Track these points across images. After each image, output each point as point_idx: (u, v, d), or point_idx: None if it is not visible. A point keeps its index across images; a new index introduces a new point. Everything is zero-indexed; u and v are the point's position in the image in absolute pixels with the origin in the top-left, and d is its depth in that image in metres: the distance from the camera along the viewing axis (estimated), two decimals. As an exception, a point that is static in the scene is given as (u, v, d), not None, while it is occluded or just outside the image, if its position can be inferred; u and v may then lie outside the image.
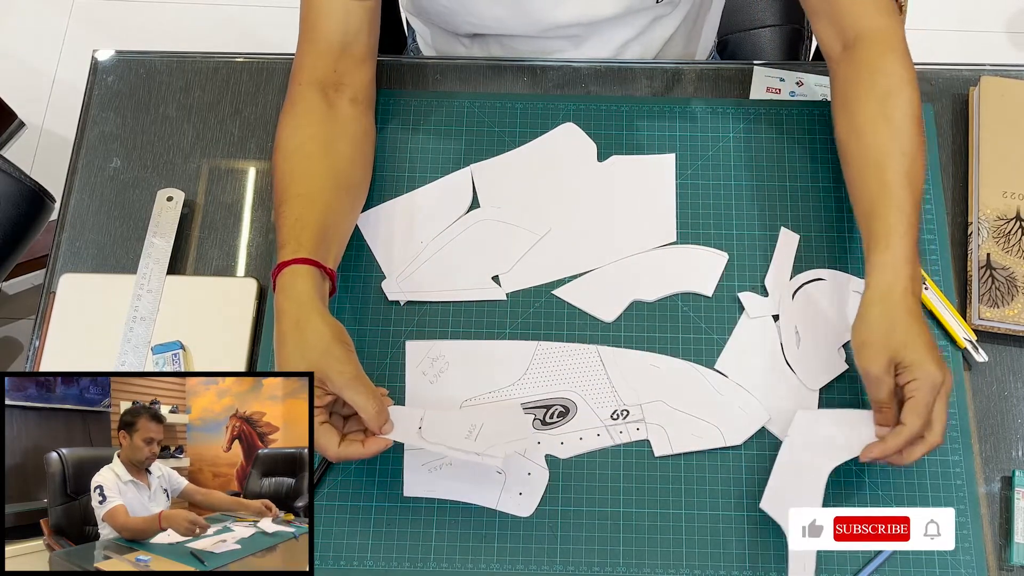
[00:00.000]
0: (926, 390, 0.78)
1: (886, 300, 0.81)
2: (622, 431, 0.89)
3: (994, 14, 2.12)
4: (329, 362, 0.78)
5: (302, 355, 0.79)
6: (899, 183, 0.84)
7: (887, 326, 0.80)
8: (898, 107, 0.86)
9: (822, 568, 0.84)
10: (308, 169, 0.88)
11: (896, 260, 0.81)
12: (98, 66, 1.07)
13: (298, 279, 0.81)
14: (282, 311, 0.81)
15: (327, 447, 0.79)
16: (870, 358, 0.80)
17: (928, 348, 0.79)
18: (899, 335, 0.79)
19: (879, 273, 0.82)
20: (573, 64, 1.06)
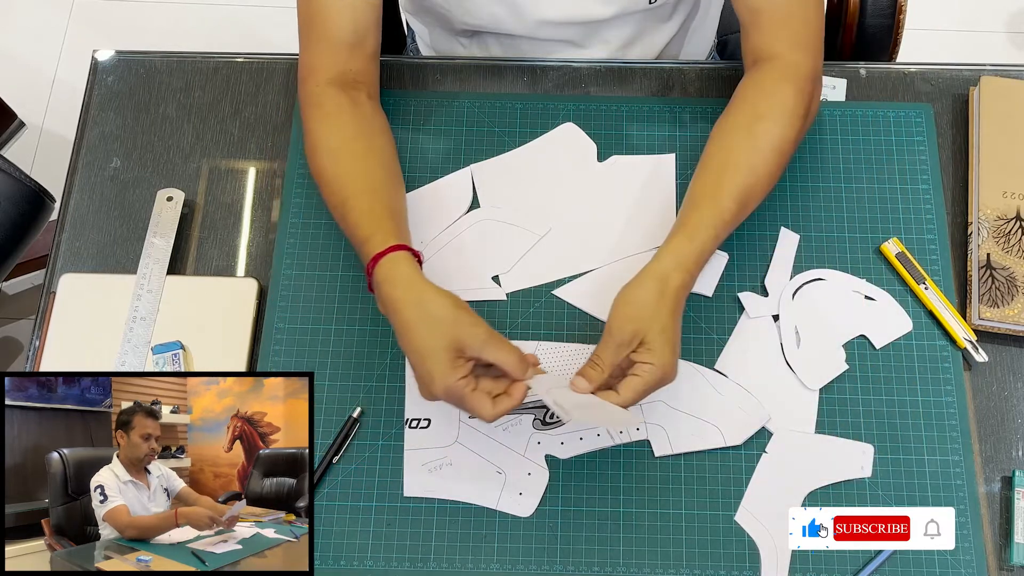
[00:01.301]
0: (655, 379, 0.80)
1: (663, 283, 0.82)
2: (622, 431, 0.89)
3: (994, 14, 2.12)
4: (463, 329, 0.79)
5: (435, 332, 0.78)
6: (732, 194, 0.86)
7: (653, 305, 0.81)
8: (766, 132, 0.88)
9: (822, 568, 0.84)
10: (362, 166, 0.89)
11: (689, 255, 0.83)
12: (98, 66, 1.07)
13: (400, 265, 0.82)
14: (396, 299, 0.81)
15: (483, 411, 0.78)
16: (624, 323, 0.80)
17: (675, 342, 0.81)
18: (659, 319, 0.80)
19: (670, 256, 0.83)
20: (573, 64, 1.06)
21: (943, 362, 0.91)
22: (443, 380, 0.78)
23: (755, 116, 0.89)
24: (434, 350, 0.78)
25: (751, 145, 0.88)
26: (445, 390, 0.78)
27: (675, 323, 0.82)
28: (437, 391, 0.79)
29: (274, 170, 1.02)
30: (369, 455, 0.89)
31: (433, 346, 0.78)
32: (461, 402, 0.79)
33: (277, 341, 0.93)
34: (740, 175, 0.87)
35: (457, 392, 0.78)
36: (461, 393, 0.78)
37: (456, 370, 0.78)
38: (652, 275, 0.82)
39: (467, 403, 0.79)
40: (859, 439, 0.88)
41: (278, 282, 0.95)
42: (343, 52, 0.93)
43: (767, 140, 0.88)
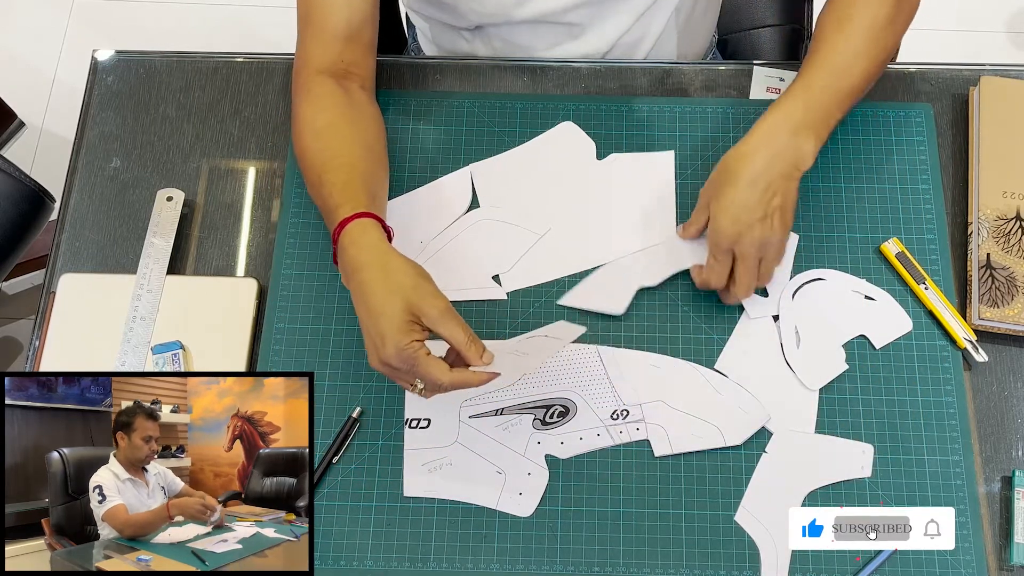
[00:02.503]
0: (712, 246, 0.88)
1: (740, 146, 0.88)
2: (622, 431, 0.89)
3: (994, 14, 2.12)
4: (422, 296, 0.78)
5: (394, 295, 0.78)
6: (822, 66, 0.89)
7: (721, 169, 0.89)
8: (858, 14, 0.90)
9: (822, 568, 0.84)
10: (343, 144, 0.90)
11: (774, 116, 0.88)
12: (98, 66, 1.07)
13: (368, 230, 0.82)
14: (360, 262, 0.80)
15: (439, 375, 0.76)
16: (703, 190, 0.91)
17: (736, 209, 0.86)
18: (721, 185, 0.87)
19: (755, 125, 0.88)
20: (573, 64, 1.06)
21: (943, 362, 0.91)
22: (395, 341, 0.76)
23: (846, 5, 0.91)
24: (390, 312, 0.77)
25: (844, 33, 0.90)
26: (397, 351, 0.76)
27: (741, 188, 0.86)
28: (388, 353, 0.76)
29: (274, 170, 1.02)
30: (369, 455, 0.89)
31: (390, 308, 0.77)
32: (413, 365, 0.77)
33: (277, 341, 0.93)
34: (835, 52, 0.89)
35: (409, 354, 0.76)
36: (414, 356, 0.76)
37: (409, 333, 0.77)
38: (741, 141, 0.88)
39: (420, 366, 0.76)
40: (859, 439, 0.88)
41: (278, 282, 0.95)
42: (338, 43, 0.93)
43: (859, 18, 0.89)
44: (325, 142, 0.90)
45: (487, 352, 0.79)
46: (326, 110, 0.91)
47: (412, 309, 0.77)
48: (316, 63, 0.93)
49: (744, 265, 0.88)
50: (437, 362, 0.77)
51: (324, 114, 0.91)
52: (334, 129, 0.91)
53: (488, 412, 0.90)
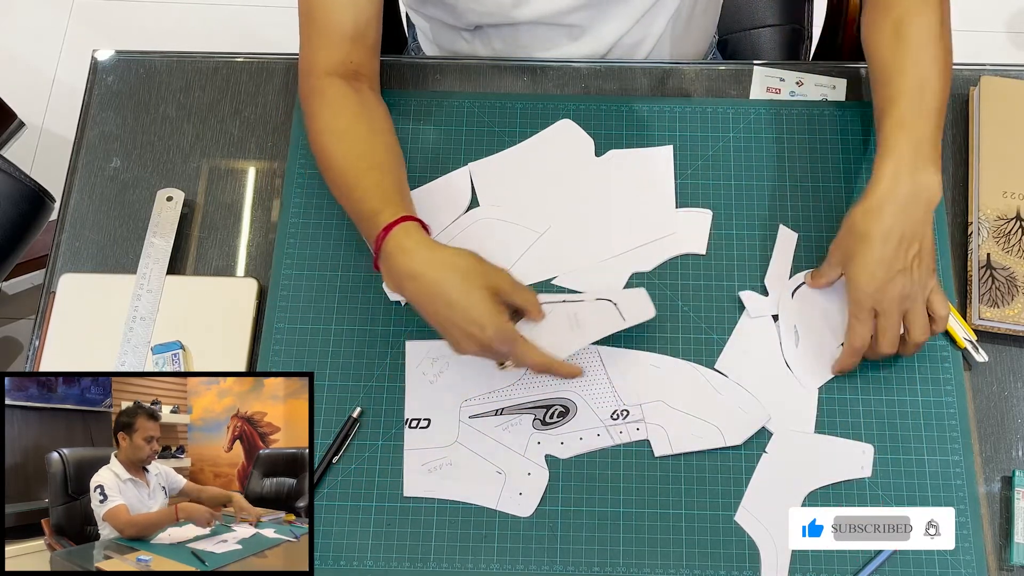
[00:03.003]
0: (853, 305, 0.85)
1: (864, 202, 0.85)
2: (622, 431, 0.89)
3: (994, 14, 2.12)
4: (493, 275, 0.81)
5: (471, 283, 0.80)
6: (906, 93, 0.86)
7: (849, 228, 0.86)
8: (913, 27, 0.88)
9: (822, 568, 0.84)
10: (366, 146, 0.90)
11: (889, 164, 0.84)
12: (98, 66, 1.07)
13: (412, 233, 0.83)
14: (415, 266, 0.81)
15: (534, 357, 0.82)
16: (832, 247, 0.89)
17: (871, 267, 0.83)
18: (853, 243, 0.85)
19: (872, 177, 0.85)
20: (573, 64, 1.06)
21: (943, 362, 0.91)
22: (495, 322, 0.79)
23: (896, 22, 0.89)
24: (479, 299, 0.79)
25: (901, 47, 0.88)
26: (498, 331, 0.79)
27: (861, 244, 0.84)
28: (489, 336, 0.79)
29: (274, 170, 1.02)
30: (369, 455, 0.89)
31: (475, 296, 0.79)
32: (513, 345, 0.80)
33: (277, 341, 0.93)
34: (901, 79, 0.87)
35: (510, 334, 0.80)
36: (513, 336, 0.80)
37: (502, 313, 0.80)
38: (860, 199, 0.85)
39: (518, 347, 0.80)
40: (859, 439, 0.88)
41: (278, 282, 0.95)
42: (345, 45, 0.93)
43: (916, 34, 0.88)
44: (348, 145, 0.90)
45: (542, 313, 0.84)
46: (343, 112, 0.92)
47: (493, 290, 0.80)
48: (324, 65, 0.93)
49: (888, 320, 0.84)
50: (530, 344, 0.81)
51: (342, 117, 0.91)
52: (354, 131, 0.91)
53: (488, 412, 0.90)
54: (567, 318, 0.86)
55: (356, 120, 0.92)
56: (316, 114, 0.92)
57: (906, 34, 0.88)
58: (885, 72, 0.89)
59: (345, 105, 0.92)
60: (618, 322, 0.88)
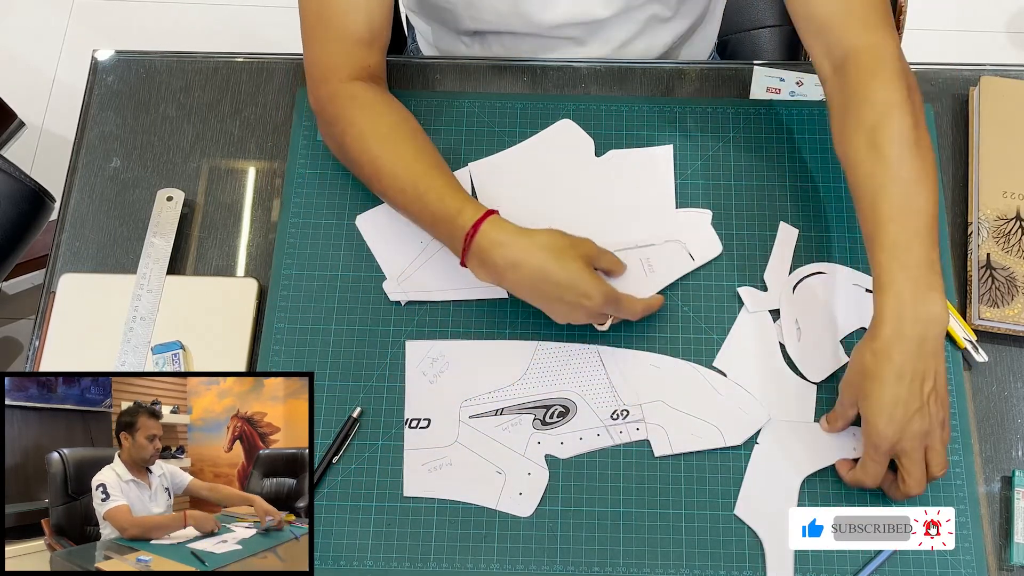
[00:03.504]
0: (869, 446, 0.81)
1: (871, 342, 0.80)
2: (622, 431, 0.89)
3: (994, 14, 2.12)
4: (581, 246, 0.86)
5: (567, 260, 0.84)
6: (890, 217, 0.81)
7: (859, 371, 0.82)
8: (887, 137, 0.82)
9: (822, 568, 0.84)
10: (416, 147, 0.91)
11: (891, 300, 0.79)
12: (98, 66, 1.07)
13: (501, 226, 0.86)
14: (514, 256, 0.84)
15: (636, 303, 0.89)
16: (845, 381, 0.85)
17: (887, 408, 0.79)
18: (866, 385, 0.81)
19: (874, 318, 0.81)
20: (573, 64, 1.06)
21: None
22: (601, 289, 0.84)
23: (870, 130, 0.83)
24: (578, 271, 0.84)
25: (881, 161, 0.82)
26: (604, 296, 0.84)
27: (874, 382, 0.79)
28: (597, 302, 0.84)
29: (274, 170, 1.02)
30: (369, 455, 0.89)
31: (576, 269, 0.84)
32: (618, 304, 0.86)
33: (277, 341, 0.93)
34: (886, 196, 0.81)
35: (614, 296, 0.86)
36: (616, 295, 0.86)
37: (601, 280, 0.85)
38: (864, 339, 0.82)
39: (623, 303, 0.87)
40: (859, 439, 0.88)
41: (278, 282, 0.95)
42: (361, 49, 0.93)
43: (891, 144, 0.82)
44: (400, 147, 0.90)
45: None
46: (384, 115, 0.92)
47: (586, 260, 0.85)
48: (343, 71, 0.92)
49: (911, 459, 0.81)
50: (631, 297, 0.89)
51: (384, 119, 0.92)
52: (401, 133, 0.91)
53: (488, 412, 0.90)
54: (640, 264, 0.93)
55: (399, 122, 0.92)
56: (356, 120, 0.91)
57: (881, 146, 0.82)
58: (866, 191, 0.83)
59: (382, 108, 0.92)
60: (688, 262, 0.94)
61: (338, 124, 0.92)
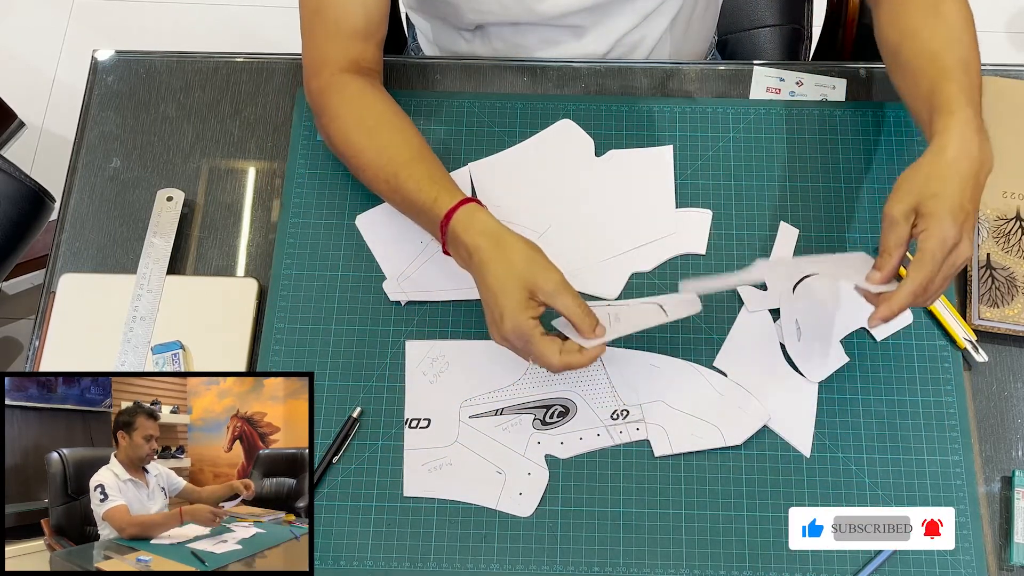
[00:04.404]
0: (934, 242, 0.76)
1: (938, 154, 0.79)
2: (622, 431, 0.89)
3: (994, 14, 2.12)
4: (536, 272, 0.81)
5: (509, 272, 0.80)
6: (957, 67, 0.83)
7: (926, 174, 0.79)
8: (949, 8, 0.86)
9: (822, 568, 0.84)
10: (402, 138, 0.91)
11: (958, 123, 0.79)
12: (98, 66, 1.07)
13: (476, 214, 0.84)
14: (475, 245, 0.82)
15: (550, 356, 0.79)
16: (896, 198, 0.79)
17: (955, 208, 0.77)
18: (934, 185, 0.78)
19: (939, 135, 0.80)
20: (573, 64, 1.06)
21: (943, 362, 0.91)
22: (513, 318, 0.79)
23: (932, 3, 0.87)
24: (507, 288, 0.80)
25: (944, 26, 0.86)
26: (514, 327, 0.79)
27: (951, 185, 0.77)
28: (507, 329, 0.79)
29: (274, 170, 1.02)
30: (369, 455, 0.89)
31: (507, 284, 0.80)
32: (528, 343, 0.79)
33: (277, 341, 0.93)
34: (953, 51, 0.84)
35: (526, 331, 0.79)
36: (529, 334, 0.79)
37: (527, 310, 0.80)
38: (924, 154, 0.80)
39: (534, 345, 0.79)
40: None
41: (278, 282, 0.95)
42: (357, 43, 0.93)
43: (954, 14, 0.86)
44: (384, 138, 0.90)
45: (600, 326, 0.81)
46: (370, 106, 0.92)
47: (528, 285, 0.80)
48: (337, 62, 0.93)
49: (946, 277, 0.78)
50: (550, 344, 0.80)
51: (370, 110, 0.92)
52: (387, 125, 0.91)
53: (488, 412, 0.90)
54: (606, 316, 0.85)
55: (385, 113, 0.92)
56: (341, 112, 0.92)
57: (944, 14, 0.86)
58: (931, 51, 0.85)
59: (371, 101, 0.92)
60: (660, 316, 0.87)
61: (326, 116, 0.93)
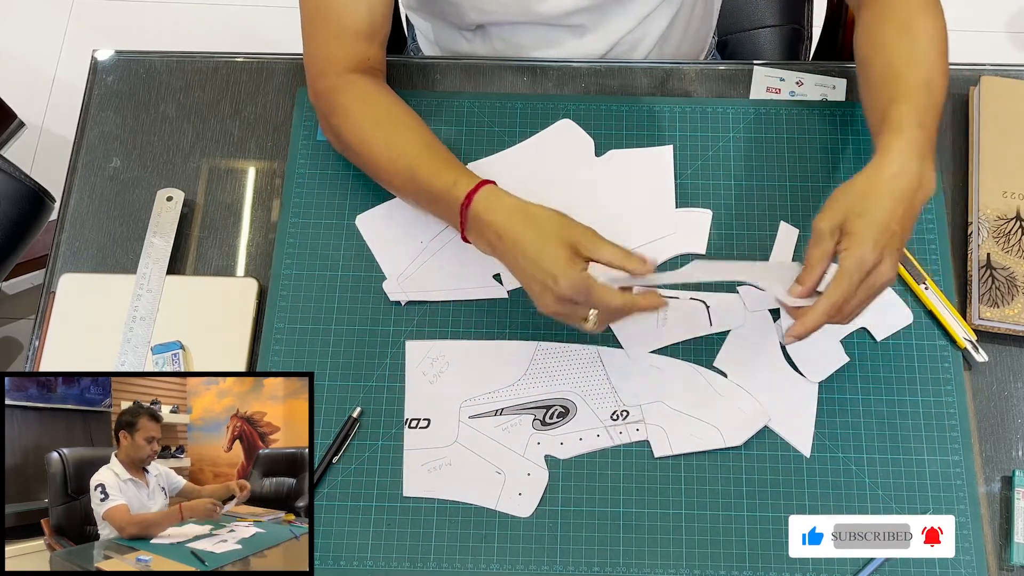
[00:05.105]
0: (852, 261, 0.76)
1: (875, 172, 0.79)
2: (622, 431, 0.89)
3: (994, 14, 2.12)
4: (574, 229, 0.81)
5: (548, 237, 0.80)
6: (918, 87, 0.84)
7: (858, 192, 0.79)
8: (921, 27, 0.88)
9: (822, 569, 0.84)
10: (411, 131, 0.91)
11: (902, 143, 0.80)
12: (98, 66, 1.07)
13: (497, 194, 0.84)
14: (502, 224, 0.82)
15: (611, 298, 0.79)
16: (824, 213, 0.79)
17: (880, 229, 0.77)
18: (862, 204, 0.78)
19: (880, 153, 0.80)
20: (573, 64, 1.06)
21: (943, 362, 0.91)
22: (567, 275, 0.78)
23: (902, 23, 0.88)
24: (552, 251, 0.79)
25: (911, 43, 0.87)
26: (571, 284, 0.78)
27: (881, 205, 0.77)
28: (563, 287, 0.78)
29: (274, 170, 1.02)
30: (369, 455, 0.89)
31: (551, 249, 0.79)
32: (590, 293, 0.78)
33: (277, 341, 0.93)
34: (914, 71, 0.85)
35: (584, 284, 0.78)
36: (588, 284, 0.78)
37: (577, 264, 0.79)
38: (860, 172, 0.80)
39: (596, 293, 0.78)
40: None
41: (278, 282, 0.95)
42: (361, 43, 0.93)
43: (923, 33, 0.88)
44: (397, 132, 0.91)
45: (648, 260, 0.81)
46: (380, 103, 0.92)
47: (569, 243, 0.80)
48: (342, 63, 0.93)
49: (868, 294, 0.78)
50: (608, 287, 0.79)
51: (378, 105, 0.92)
52: (398, 119, 0.92)
53: (488, 412, 0.90)
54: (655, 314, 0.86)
55: (395, 109, 0.92)
56: (351, 109, 0.92)
57: (915, 32, 0.87)
58: (893, 67, 0.87)
59: (379, 96, 0.93)
60: (705, 327, 0.90)
61: (335, 115, 0.93)
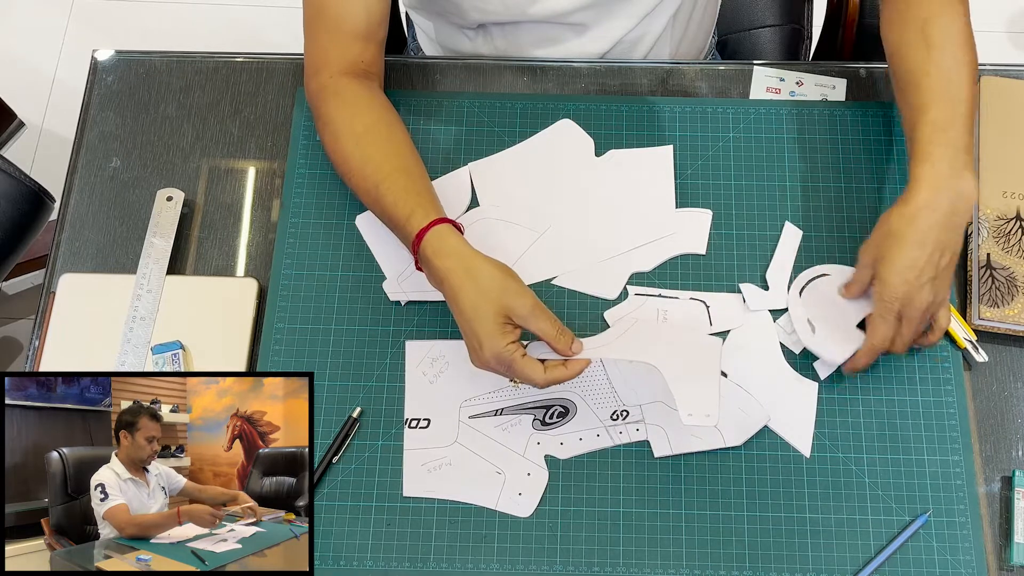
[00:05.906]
0: (882, 306, 0.83)
1: (902, 206, 0.83)
2: (622, 431, 0.89)
3: (994, 14, 2.12)
4: (510, 296, 0.81)
5: (483, 298, 0.81)
6: (933, 100, 0.85)
7: (886, 232, 0.84)
8: (938, 29, 0.87)
9: (822, 568, 0.84)
10: (390, 147, 0.91)
11: (928, 173, 0.83)
12: (98, 66, 1.07)
13: (447, 237, 0.84)
14: (447, 269, 0.82)
15: (534, 376, 0.81)
16: (867, 245, 0.86)
17: (903, 269, 0.82)
18: (886, 246, 0.83)
19: (910, 185, 0.84)
20: (573, 64, 1.06)
21: (943, 362, 0.91)
22: (491, 345, 0.80)
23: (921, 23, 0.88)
24: (482, 316, 0.80)
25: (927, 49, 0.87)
26: (494, 355, 0.80)
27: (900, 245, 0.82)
28: (487, 356, 0.81)
29: (274, 170, 1.02)
30: (369, 455, 0.89)
31: (481, 312, 0.80)
32: (510, 367, 0.81)
33: (277, 341, 0.93)
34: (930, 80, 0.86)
35: (506, 357, 0.80)
36: (510, 358, 0.80)
37: (504, 336, 0.80)
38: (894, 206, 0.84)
39: (516, 368, 0.81)
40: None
41: (278, 282, 0.95)
42: (357, 44, 0.93)
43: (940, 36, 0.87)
44: (371, 147, 0.91)
45: (576, 342, 0.83)
46: (362, 114, 0.92)
47: (502, 310, 0.81)
48: (336, 64, 0.93)
49: (910, 327, 0.84)
50: (533, 363, 0.81)
51: (361, 118, 0.92)
52: (375, 133, 0.91)
53: (488, 412, 0.90)
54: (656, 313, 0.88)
55: (376, 121, 0.92)
56: (334, 116, 0.92)
57: (931, 35, 0.87)
58: (913, 75, 0.88)
59: (364, 107, 0.92)
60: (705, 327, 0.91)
61: (319, 121, 0.94)
